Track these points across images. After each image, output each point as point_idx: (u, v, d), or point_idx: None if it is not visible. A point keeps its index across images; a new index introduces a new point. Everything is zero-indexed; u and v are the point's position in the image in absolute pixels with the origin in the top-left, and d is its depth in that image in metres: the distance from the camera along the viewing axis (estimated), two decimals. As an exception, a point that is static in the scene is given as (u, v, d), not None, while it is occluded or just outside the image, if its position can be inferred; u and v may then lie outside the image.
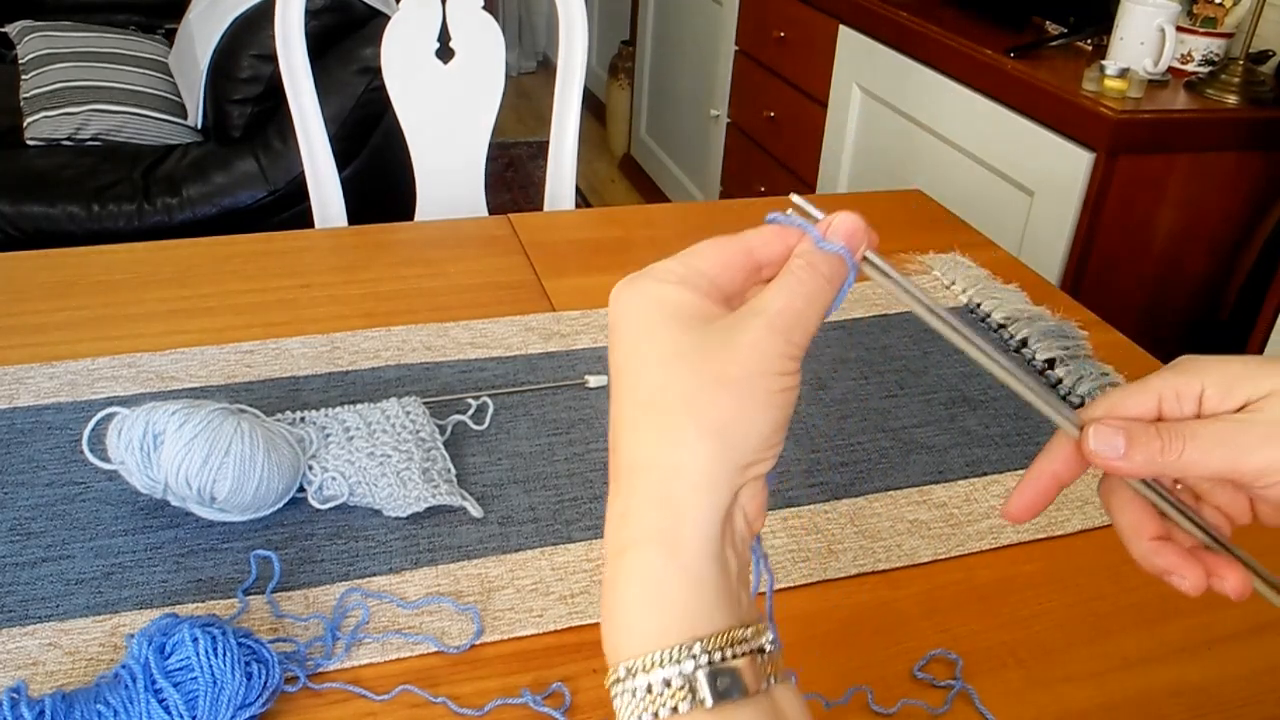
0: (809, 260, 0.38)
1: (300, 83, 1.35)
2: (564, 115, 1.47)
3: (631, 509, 0.35)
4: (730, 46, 2.66)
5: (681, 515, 0.34)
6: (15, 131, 2.16)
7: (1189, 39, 1.62)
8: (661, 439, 0.35)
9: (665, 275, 0.37)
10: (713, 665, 0.32)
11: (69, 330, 0.93)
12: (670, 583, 0.33)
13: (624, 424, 0.36)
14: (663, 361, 0.35)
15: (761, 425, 0.35)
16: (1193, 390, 0.39)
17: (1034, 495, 0.42)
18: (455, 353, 0.92)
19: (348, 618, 0.64)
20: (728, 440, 0.34)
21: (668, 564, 0.33)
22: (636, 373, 0.36)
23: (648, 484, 0.34)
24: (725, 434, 0.34)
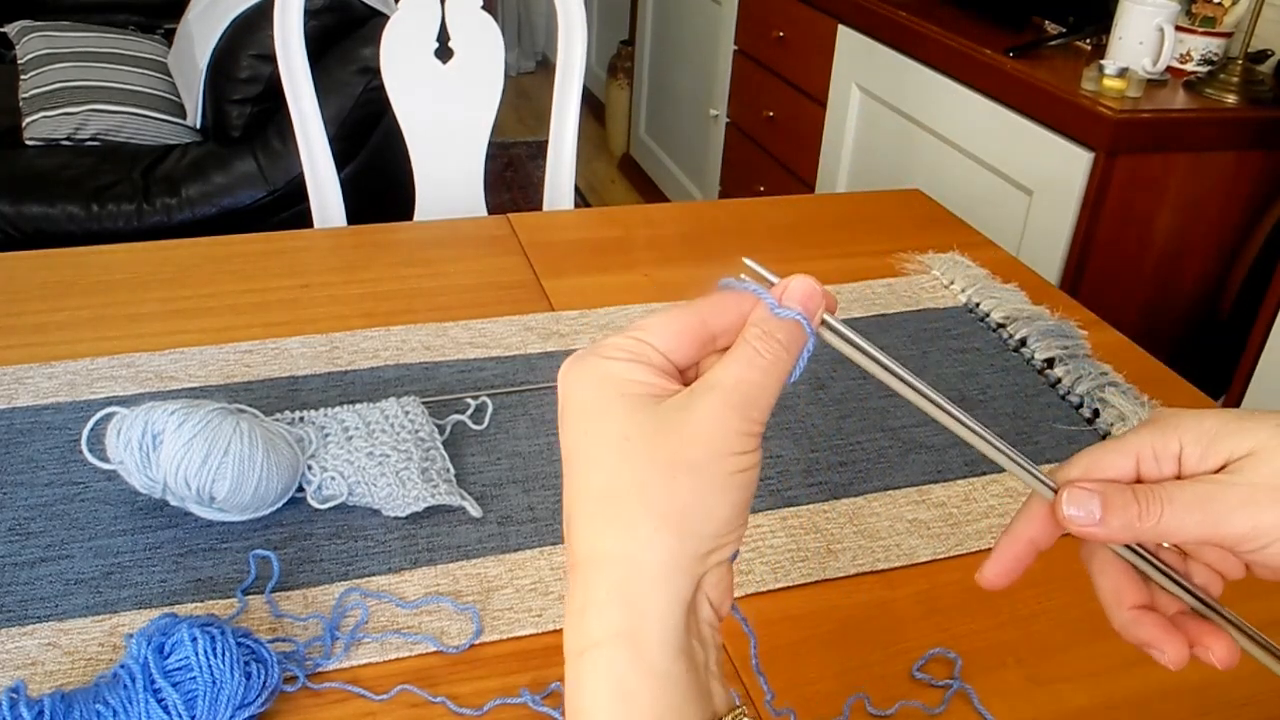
0: (764, 328, 0.36)
1: (299, 83, 1.35)
2: (563, 115, 1.47)
3: (590, 605, 0.33)
4: (730, 46, 2.66)
5: (643, 613, 0.32)
6: (15, 131, 2.16)
7: (1188, 38, 1.62)
8: (617, 531, 0.33)
9: (614, 352, 0.35)
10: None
11: (68, 330, 0.93)
12: (637, 686, 0.32)
13: (577, 513, 0.34)
14: (614, 447, 0.34)
15: (721, 510, 0.33)
16: (1170, 449, 0.38)
17: (1011, 561, 0.40)
18: (454, 352, 0.92)
19: (347, 617, 0.64)
20: (686, 529, 0.33)
21: (632, 665, 0.32)
22: (587, 458, 0.34)
23: (605, 579, 0.33)
24: (683, 523, 0.33)
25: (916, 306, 1.04)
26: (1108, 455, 0.39)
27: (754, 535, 0.73)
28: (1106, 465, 0.38)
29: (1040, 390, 0.92)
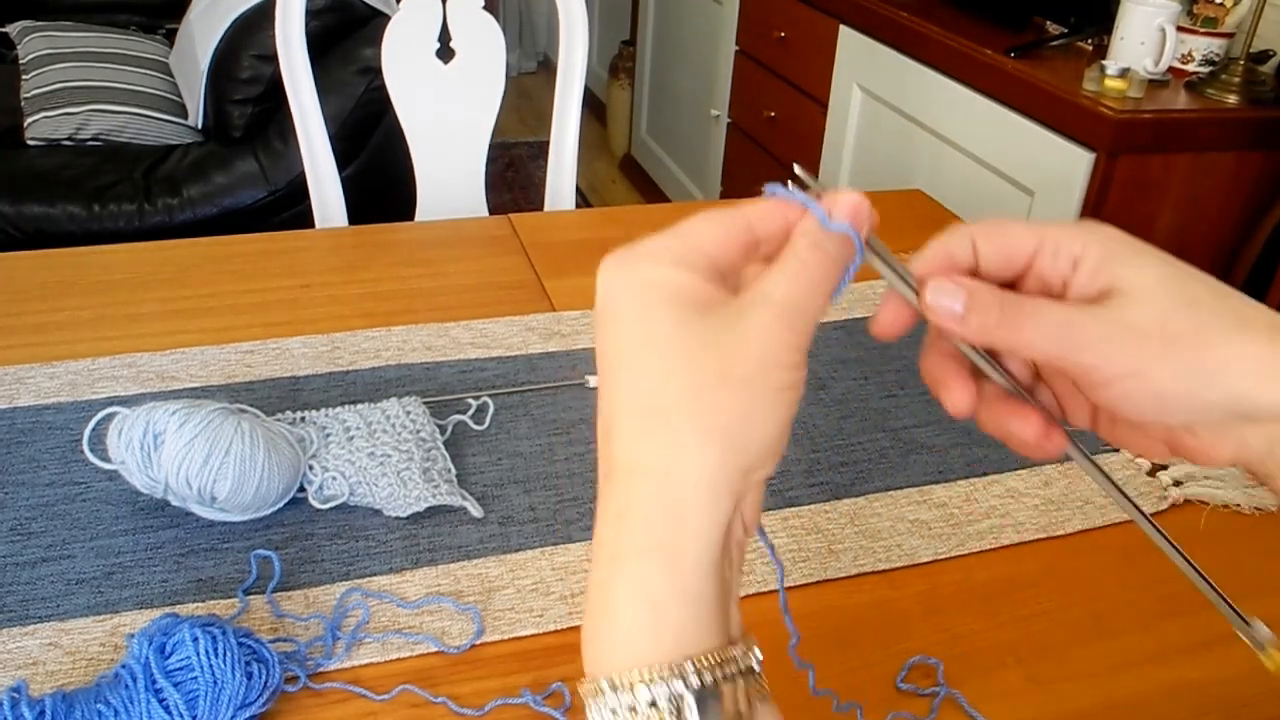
0: (814, 240, 0.35)
1: (301, 83, 1.35)
2: (564, 115, 1.47)
3: (629, 514, 0.32)
4: (730, 46, 2.66)
5: (683, 528, 0.32)
6: (16, 131, 2.16)
7: (1189, 39, 1.62)
8: (661, 443, 0.32)
9: (660, 255, 0.34)
10: (703, 687, 0.31)
11: (69, 330, 0.93)
12: (667, 601, 0.32)
13: (619, 421, 0.33)
14: (661, 355, 0.33)
15: (768, 427, 0.33)
16: (1073, 250, 0.36)
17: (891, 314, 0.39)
18: (455, 353, 0.92)
19: (348, 617, 0.64)
20: (732, 445, 0.32)
21: (668, 581, 0.32)
22: (631, 367, 0.33)
23: (647, 489, 0.32)
24: (729, 438, 0.32)
25: (917, 307, 1.04)
26: (1017, 230, 0.37)
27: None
28: (1012, 238, 0.37)
29: (1041, 390, 0.92)
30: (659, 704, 0.31)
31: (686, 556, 0.32)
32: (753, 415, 0.33)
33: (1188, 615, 0.69)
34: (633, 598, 0.32)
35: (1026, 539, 0.74)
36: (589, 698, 0.32)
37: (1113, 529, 0.76)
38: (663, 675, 0.31)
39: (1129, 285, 0.35)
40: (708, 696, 0.31)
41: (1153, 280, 0.35)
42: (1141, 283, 0.35)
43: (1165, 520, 0.77)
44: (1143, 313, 0.34)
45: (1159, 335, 0.34)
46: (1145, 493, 0.79)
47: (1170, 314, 0.34)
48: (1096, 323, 0.35)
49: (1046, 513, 0.77)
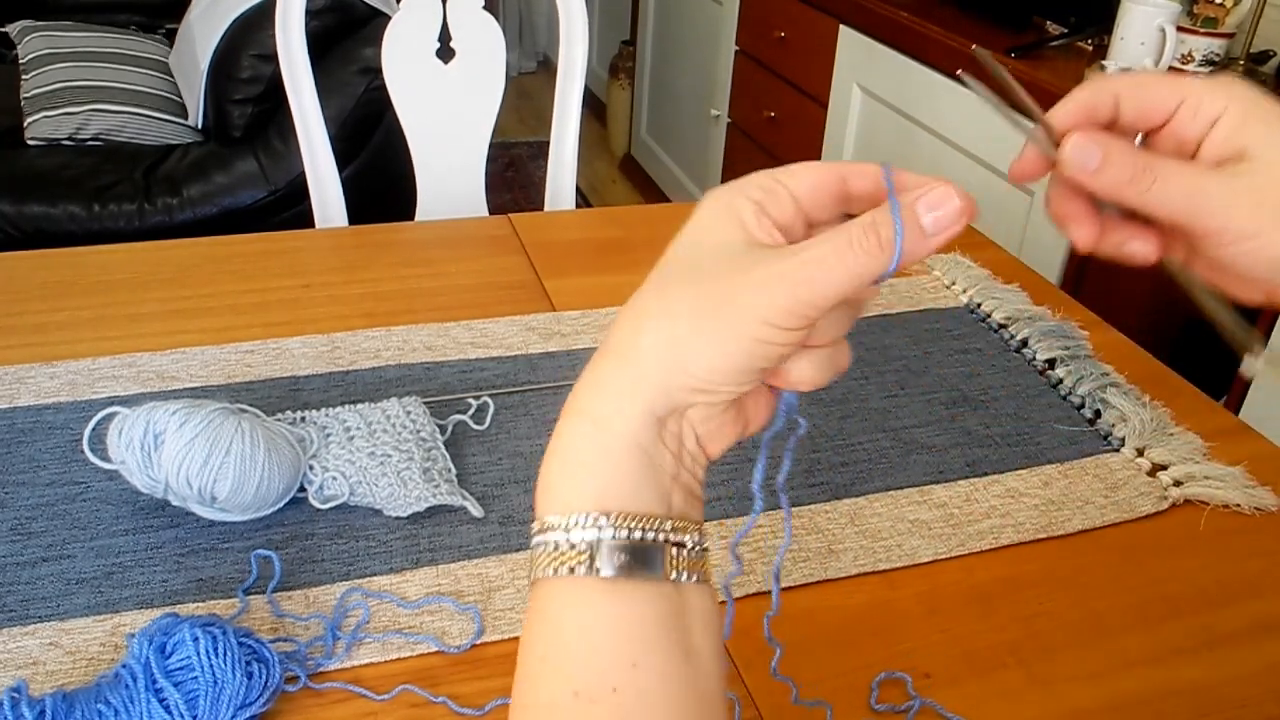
0: (875, 222, 0.35)
1: (301, 83, 1.35)
2: (564, 115, 1.47)
3: (588, 381, 0.37)
4: (730, 46, 2.66)
5: (617, 403, 0.35)
6: (16, 131, 2.16)
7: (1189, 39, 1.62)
8: (628, 331, 0.36)
9: (750, 191, 0.37)
10: (616, 540, 0.34)
11: (69, 330, 0.93)
12: (590, 456, 0.35)
13: (624, 306, 0.37)
14: (683, 265, 0.36)
15: (717, 360, 0.35)
16: (1214, 110, 0.38)
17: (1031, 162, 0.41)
18: (456, 352, 0.92)
19: (348, 617, 0.64)
20: (676, 355, 0.35)
21: (593, 443, 0.36)
22: (663, 265, 0.37)
23: (607, 365, 0.37)
24: (675, 349, 0.35)
25: (918, 307, 1.04)
26: (1160, 88, 0.39)
27: (755, 535, 0.73)
28: (1154, 95, 0.39)
29: (1042, 391, 0.92)
30: (576, 546, 0.34)
31: (612, 426, 0.35)
32: (711, 339, 0.35)
33: (1188, 615, 0.69)
34: (565, 450, 0.37)
35: (1026, 539, 0.74)
36: (531, 535, 0.36)
37: (1113, 529, 0.76)
38: (579, 521, 0.34)
39: (1261, 151, 0.37)
40: (622, 550, 0.34)
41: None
42: (1273, 149, 0.37)
43: (1165, 520, 0.78)
44: (1271, 179, 0.36)
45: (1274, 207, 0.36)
46: (1145, 493, 0.80)
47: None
48: (1223, 188, 0.37)
49: (1046, 513, 0.77)
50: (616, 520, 0.34)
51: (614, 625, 0.34)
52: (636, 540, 0.34)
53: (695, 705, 0.34)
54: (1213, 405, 0.92)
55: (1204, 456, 0.83)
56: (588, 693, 0.33)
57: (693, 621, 0.35)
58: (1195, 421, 0.88)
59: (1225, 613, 0.69)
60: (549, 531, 0.35)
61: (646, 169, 3.52)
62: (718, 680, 0.36)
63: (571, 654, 0.34)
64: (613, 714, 0.33)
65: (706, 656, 0.35)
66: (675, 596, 0.35)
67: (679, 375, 0.35)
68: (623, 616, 0.34)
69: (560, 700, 0.33)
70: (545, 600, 0.35)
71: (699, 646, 0.35)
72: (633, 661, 0.33)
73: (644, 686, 0.33)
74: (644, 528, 0.34)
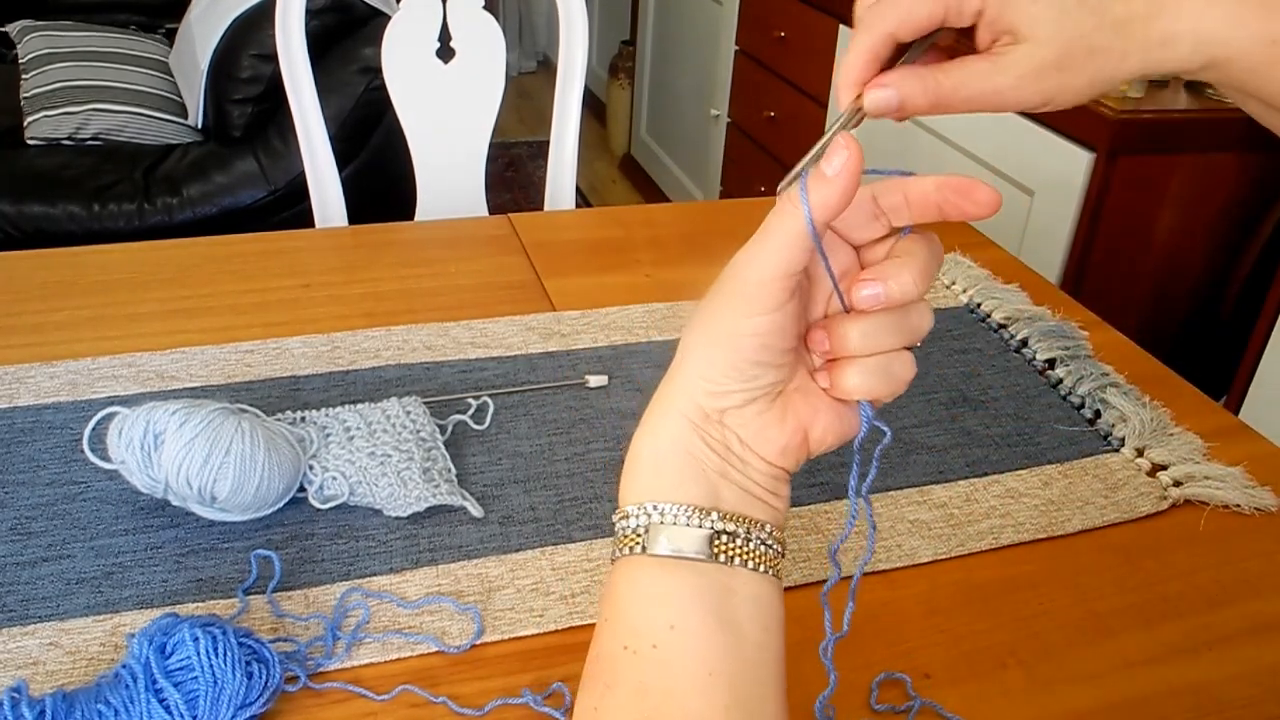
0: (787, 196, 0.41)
1: (301, 82, 1.35)
2: (564, 115, 1.47)
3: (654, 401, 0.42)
4: (730, 46, 2.66)
5: (662, 412, 0.41)
6: (16, 131, 2.16)
7: (1189, 39, 1.62)
8: (678, 348, 0.42)
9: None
10: (663, 524, 0.39)
11: (69, 330, 0.93)
12: (646, 457, 0.41)
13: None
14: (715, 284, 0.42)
15: (711, 358, 0.40)
16: (974, 5, 0.41)
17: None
18: (456, 352, 0.92)
19: (348, 617, 0.64)
20: (693, 362, 0.41)
21: (648, 443, 0.41)
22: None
23: (663, 383, 0.42)
24: (691, 356, 0.41)
25: (917, 307, 1.04)
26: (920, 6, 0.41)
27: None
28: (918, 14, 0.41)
29: (1041, 391, 0.92)
30: (636, 529, 0.40)
31: (659, 432, 0.41)
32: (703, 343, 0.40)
33: (1188, 615, 0.69)
34: (633, 451, 0.42)
35: (1026, 539, 0.74)
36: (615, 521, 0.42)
37: (1113, 529, 0.76)
38: (635, 511, 0.40)
39: (1026, 29, 0.41)
40: (668, 534, 0.39)
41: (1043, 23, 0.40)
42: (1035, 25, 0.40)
43: (1165, 520, 0.78)
44: (1037, 48, 0.41)
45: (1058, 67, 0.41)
46: (1145, 493, 0.80)
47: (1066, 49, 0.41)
48: (1005, 76, 0.41)
49: (1046, 513, 0.77)
50: (663, 509, 0.40)
51: (656, 593, 0.39)
52: (678, 524, 0.39)
53: (734, 670, 0.38)
54: (1213, 405, 0.92)
55: (1204, 456, 0.83)
56: (633, 646, 0.39)
57: (737, 601, 0.39)
58: (1195, 421, 0.88)
59: (1225, 613, 0.69)
60: (621, 520, 0.41)
61: (646, 169, 3.51)
62: (767, 655, 0.40)
63: (622, 614, 0.40)
64: (653, 666, 0.38)
65: (751, 632, 0.39)
66: (719, 576, 0.39)
67: (696, 381, 0.40)
68: (664, 586, 0.39)
69: (614, 652, 0.39)
70: (614, 575, 0.41)
71: (742, 623, 0.39)
72: (670, 624, 0.38)
73: (681, 645, 0.38)
74: (688, 516, 0.39)
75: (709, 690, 0.38)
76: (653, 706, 0.37)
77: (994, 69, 0.42)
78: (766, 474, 0.42)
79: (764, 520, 0.41)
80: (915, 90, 0.41)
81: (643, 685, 0.38)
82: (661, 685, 0.38)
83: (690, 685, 0.38)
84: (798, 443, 0.42)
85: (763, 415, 0.41)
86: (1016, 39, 0.41)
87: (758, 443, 0.41)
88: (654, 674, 0.38)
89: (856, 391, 0.42)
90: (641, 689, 0.38)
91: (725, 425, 0.41)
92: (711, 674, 0.38)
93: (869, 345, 0.41)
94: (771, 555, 0.41)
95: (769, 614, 0.40)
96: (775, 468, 0.42)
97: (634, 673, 0.38)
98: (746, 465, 0.41)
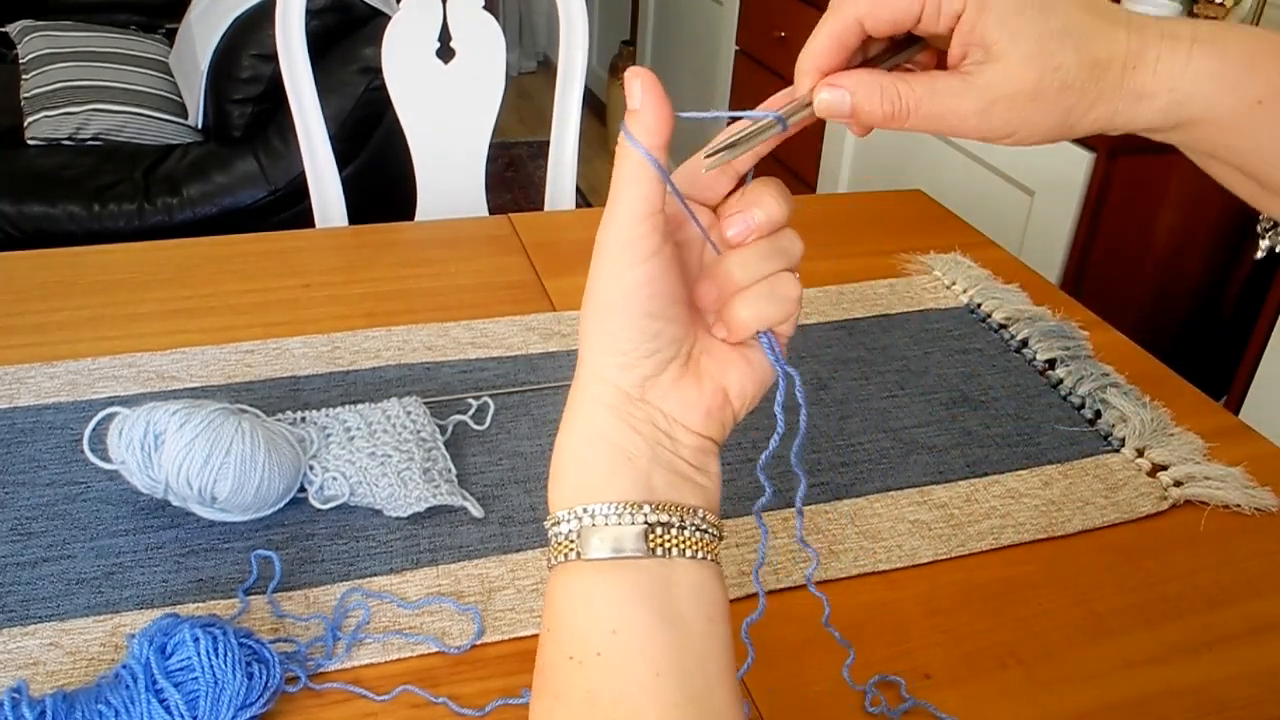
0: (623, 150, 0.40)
1: (301, 82, 1.35)
2: (564, 115, 1.47)
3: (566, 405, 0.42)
4: (730, 46, 2.66)
5: (575, 405, 0.41)
6: (16, 131, 2.16)
7: (1189, 39, 1.62)
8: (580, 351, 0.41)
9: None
10: (593, 526, 0.38)
11: (69, 330, 0.93)
12: (567, 457, 0.41)
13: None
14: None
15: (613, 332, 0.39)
16: (954, 7, 0.39)
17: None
18: (456, 352, 0.92)
19: (348, 618, 0.64)
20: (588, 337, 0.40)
21: (567, 441, 0.41)
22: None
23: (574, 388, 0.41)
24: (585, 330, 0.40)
25: (918, 307, 1.04)
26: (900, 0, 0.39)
27: (755, 536, 0.73)
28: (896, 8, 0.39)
29: (1042, 391, 0.92)
30: (567, 535, 0.39)
31: (575, 427, 0.40)
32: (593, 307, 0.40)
33: (1188, 616, 0.69)
34: (555, 453, 0.41)
35: (1026, 539, 0.74)
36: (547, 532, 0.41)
37: (1112, 529, 0.76)
38: (563, 516, 0.40)
39: (996, 41, 0.39)
40: (599, 536, 0.38)
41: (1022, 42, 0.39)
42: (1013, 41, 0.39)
43: (1165, 520, 0.78)
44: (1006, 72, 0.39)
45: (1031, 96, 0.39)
46: (1145, 493, 0.80)
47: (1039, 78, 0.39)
48: (967, 101, 0.39)
49: (1046, 513, 0.77)
50: (591, 511, 0.39)
51: (594, 598, 0.38)
52: (610, 524, 0.38)
53: (681, 666, 0.37)
54: (1213, 405, 0.92)
55: (1204, 457, 0.83)
56: (578, 656, 0.38)
57: (679, 594, 0.38)
58: (1195, 422, 0.88)
59: (1225, 613, 0.69)
60: (552, 526, 0.40)
61: (646, 169, 3.51)
62: (714, 644, 0.39)
63: (563, 623, 0.39)
64: (599, 673, 0.37)
65: (695, 622, 0.38)
66: (658, 571, 0.38)
67: (604, 363, 0.40)
68: (602, 590, 0.38)
69: (559, 662, 0.38)
70: (551, 583, 0.40)
71: (685, 616, 0.38)
72: (612, 629, 0.38)
73: (624, 649, 0.37)
74: (618, 513, 0.39)
75: (658, 691, 0.37)
76: (603, 714, 0.37)
77: (964, 87, 0.40)
78: (695, 448, 0.41)
79: (696, 505, 0.40)
80: (872, 96, 0.40)
81: (591, 693, 0.37)
82: (609, 692, 0.37)
83: (638, 689, 0.37)
84: (719, 403, 0.41)
85: (679, 382, 0.41)
86: (989, 55, 0.39)
87: (681, 412, 0.41)
88: (601, 681, 0.37)
89: (750, 322, 0.41)
90: (590, 697, 0.37)
91: (647, 401, 0.40)
92: (659, 674, 0.37)
93: (750, 274, 0.40)
94: (708, 540, 0.40)
95: (711, 601, 0.39)
96: (702, 438, 0.41)
97: (581, 681, 0.38)
98: (675, 442, 0.41)
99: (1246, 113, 0.40)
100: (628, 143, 0.39)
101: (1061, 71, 0.39)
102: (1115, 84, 0.40)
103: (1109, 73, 0.40)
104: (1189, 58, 0.40)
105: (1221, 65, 0.40)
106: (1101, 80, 0.40)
